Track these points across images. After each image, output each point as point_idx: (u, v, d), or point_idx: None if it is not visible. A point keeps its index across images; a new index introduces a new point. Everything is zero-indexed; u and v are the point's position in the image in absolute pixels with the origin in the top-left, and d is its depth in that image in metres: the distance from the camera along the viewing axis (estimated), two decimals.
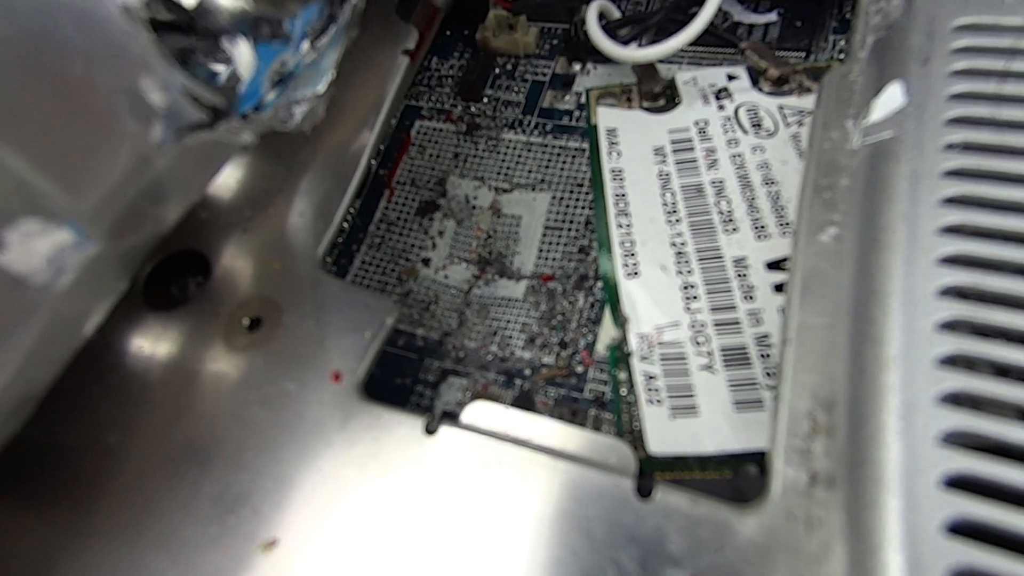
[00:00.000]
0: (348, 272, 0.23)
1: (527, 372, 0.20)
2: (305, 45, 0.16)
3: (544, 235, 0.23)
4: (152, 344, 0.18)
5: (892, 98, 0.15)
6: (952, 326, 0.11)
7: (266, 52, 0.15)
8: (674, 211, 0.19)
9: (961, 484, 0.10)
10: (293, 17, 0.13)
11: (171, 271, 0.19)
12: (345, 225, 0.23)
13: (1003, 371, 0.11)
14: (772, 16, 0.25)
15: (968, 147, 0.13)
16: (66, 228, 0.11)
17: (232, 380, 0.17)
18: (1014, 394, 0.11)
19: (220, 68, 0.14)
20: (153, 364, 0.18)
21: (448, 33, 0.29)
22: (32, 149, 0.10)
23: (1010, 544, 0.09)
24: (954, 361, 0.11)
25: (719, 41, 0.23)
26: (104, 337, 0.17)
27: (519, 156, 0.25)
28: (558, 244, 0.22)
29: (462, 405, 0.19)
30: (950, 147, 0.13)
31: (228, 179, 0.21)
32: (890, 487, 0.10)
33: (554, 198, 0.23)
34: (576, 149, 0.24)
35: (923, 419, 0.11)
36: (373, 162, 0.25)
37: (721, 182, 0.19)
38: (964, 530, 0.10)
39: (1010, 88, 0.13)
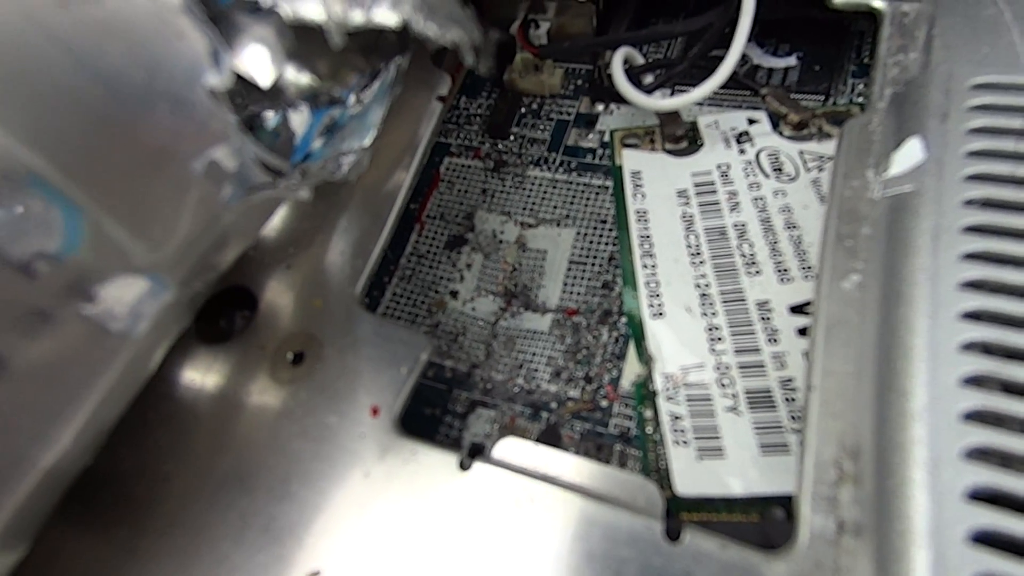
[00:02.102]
0: (380, 303, 0.24)
1: (553, 405, 0.21)
2: (352, 98, 0.17)
3: (569, 270, 0.23)
4: (202, 376, 0.19)
5: (912, 153, 0.15)
6: (975, 381, 0.12)
7: (319, 111, 0.16)
8: (698, 253, 0.20)
9: (988, 540, 0.10)
10: (349, 88, 0.14)
11: (220, 306, 0.21)
12: (378, 258, 0.24)
13: None
14: (791, 60, 0.25)
15: (988, 203, 0.14)
16: (147, 279, 0.13)
17: (277, 412, 0.18)
18: None
19: (274, 122, 0.15)
20: (203, 395, 0.19)
21: (475, 74, 0.31)
22: (126, 214, 0.12)
23: None
24: (978, 416, 0.11)
25: (740, 85, 0.24)
26: (159, 369, 0.18)
27: (544, 192, 0.26)
28: (582, 279, 0.23)
29: (490, 437, 0.20)
30: (970, 203, 0.14)
31: (273, 218, 0.22)
32: (918, 540, 0.11)
33: (578, 234, 0.24)
34: (599, 186, 0.25)
35: (949, 474, 0.11)
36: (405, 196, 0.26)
37: (744, 225, 0.20)
38: None
39: None
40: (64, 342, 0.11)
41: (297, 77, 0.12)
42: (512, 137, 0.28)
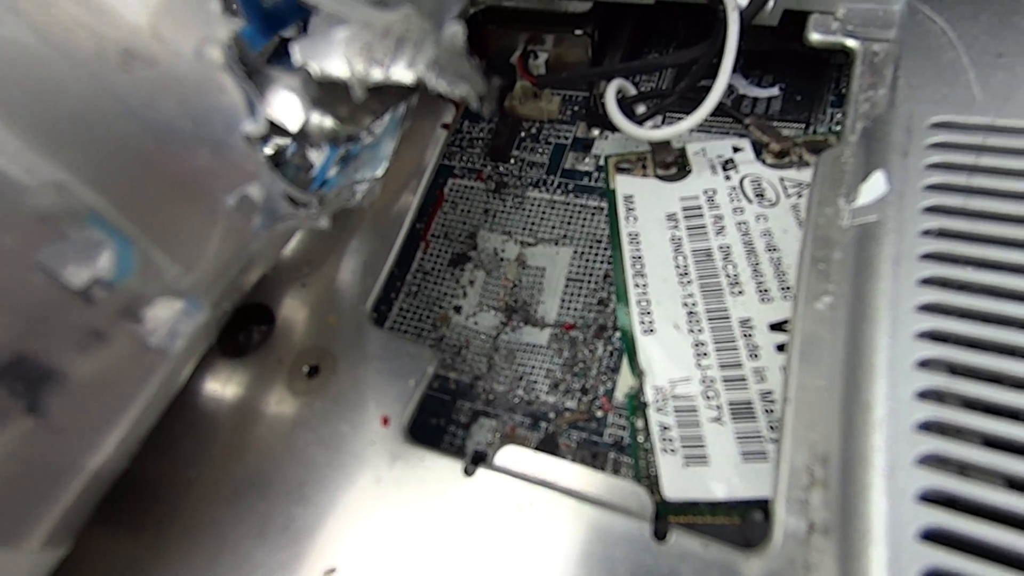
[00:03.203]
0: (387, 318, 0.26)
1: (551, 415, 0.22)
2: (365, 132, 0.19)
3: (566, 286, 0.25)
4: (223, 387, 0.20)
5: (876, 185, 0.17)
6: (929, 395, 0.13)
7: (336, 147, 0.18)
8: (686, 273, 0.21)
9: (936, 538, 0.12)
10: (365, 128, 0.16)
11: (239, 321, 0.22)
12: (388, 275, 0.25)
13: (972, 436, 0.13)
14: (774, 91, 0.27)
15: (942, 233, 0.15)
16: (183, 301, 0.14)
17: (293, 421, 0.19)
18: (983, 457, 0.12)
19: (297, 158, 0.16)
20: (224, 406, 0.20)
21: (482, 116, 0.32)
22: (169, 245, 0.13)
23: None
24: (930, 427, 0.13)
25: (726, 114, 0.26)
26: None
27: (543, 213, 0.27)
28: (579, 295, 0.25)
29: (492, 445, 0.21)
30: (927, 232, 0.15)
31: (291, 238, 0.24)
32: (875, 539, 0.12)
33: (575, 252, 0.26)
34: (595, 207, 0.27)
35: (903, 478, 0.12)
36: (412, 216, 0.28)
37: (728, 247, 0.21)
38: None
39: (978, 181, 0.16)
40: (114, 358, 0.13)
41: (320, 121, 0.14)
42: (512, 160, 0.29)
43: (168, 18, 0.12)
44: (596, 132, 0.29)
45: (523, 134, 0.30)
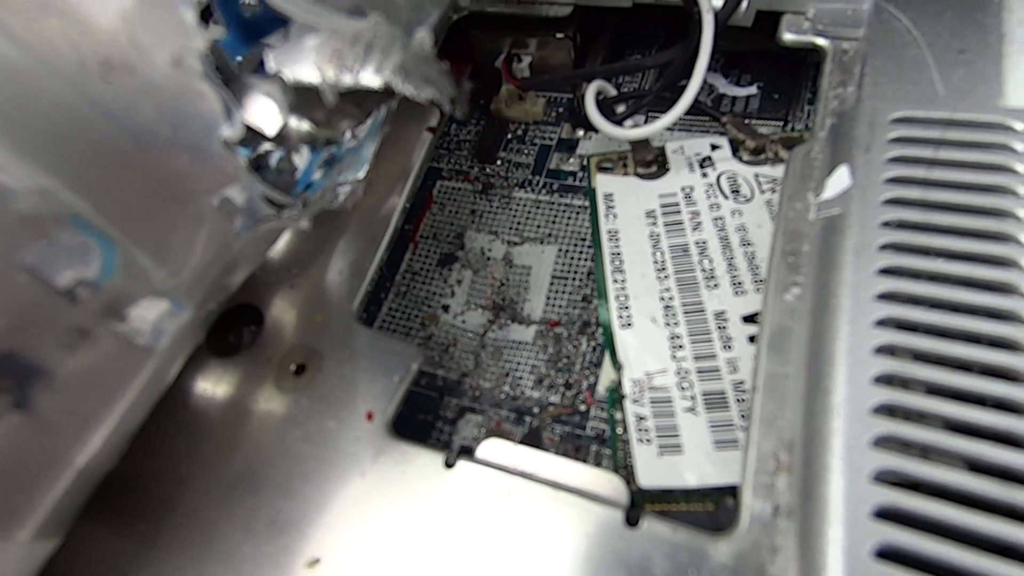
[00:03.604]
0: (377, 318, 0.26)
1: (536, 410, 0.22)
2: (348, 135, 0.20)
3: (551, 284, 0.25)
4: (213, 386, 0.21)
5: (840, 179, 0.17)
6: (884, 379, 0.14)
7: (317, 150, 0.18)
8: (663, 268, 0.22)
9: (889, 516, 0.12)
10: (343, 131, 0.16)
11: (229, 321, 0.23)
12: (376, 275, 0.26)
13: (925, 418, 0.13)
14: (752, 89, 0.28)
15: (901, 225, 0.16)
16: (167, 301, 0.15)
17: (281, 418, 0.20)
18: (934, 438, 0.13)
19: (278, 161, 0.17)
20: (214, 404, 0.21)
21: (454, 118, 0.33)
22: (152, 246, 0.14)
23: (925, 567, 0.11)
24: (885, 410, 0.13)
25: (704, 113, 0.26)
26: (175, 380, 0.20)
27: (529, 212, 0.28)
28: (564, 293, 0.25)
29: (478, 440, 0.22)
30: (886, 224, 0.16)
31: (278, 241, 0.24)
32: (832, 519, 0.12)
33: (560, 251, 0.26)
34: (580, 207, 0.27)
35: (859, 459, 0.13)
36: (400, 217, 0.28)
37: (704, 243, 0.22)
38: (890, 555, 0.12)
39: (937, 174, 0.16)
40: (99, 356, 0.13)
41: (298, 125, 0.14)
42: (499, 161, 0.30)
43: (146, 29, 0.12)
44: (580, 133, 0.30)
45: (509, 136, 0.31)
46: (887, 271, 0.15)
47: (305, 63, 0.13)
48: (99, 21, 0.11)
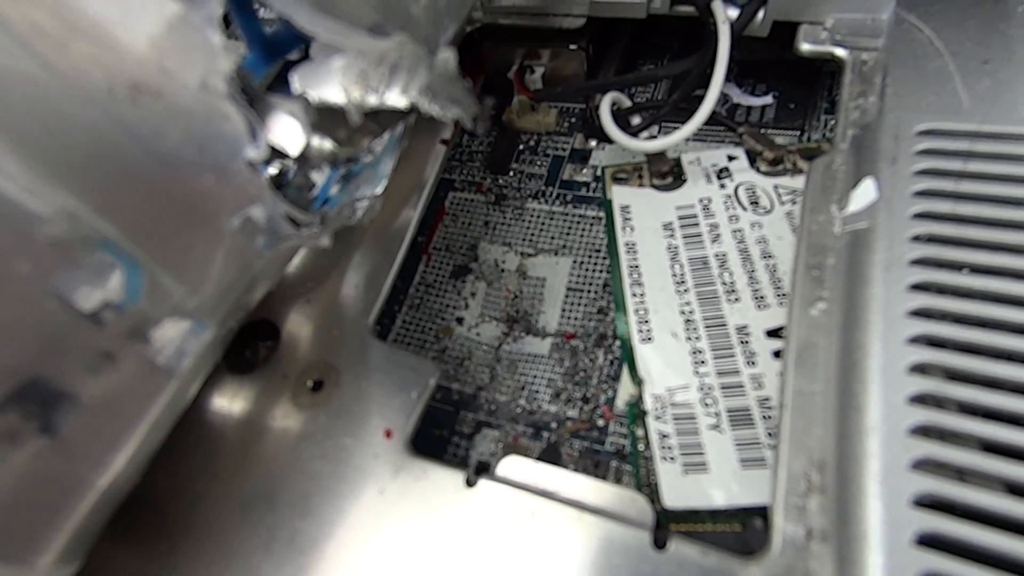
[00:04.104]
0: (391, 331, 0.26)
1: (553, 425, 0.22)
2: (366, 150, 0.19)
3: (566, 296, 0.25)
4: (230, 403, 0.21)
5: (866, 192, 0.17)
6: (921, 399, 0.13)
7: (336, 167, 0.18)
8: (682, 282, 0.22)
9: (931, 543, 0.12)
10: (364, 150, 0.16)
11: (245, 337, 0.23)
12: (391, 288, 0.26)
13: (965, 439, 0.13)
14: (768, 99, 0.27)
15: (931, 239, 0.15)
16: (189, 322, 0.15)
17: (298, 435, 0.20)
18: (976, 461, 0.12)
19: (298, 179, 0.17)
20: (231, 421, 0.20)
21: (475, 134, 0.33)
22: (176, 268, 0.13)
23: None
24: (923, 431, 0.13)
25: (720, 123, 0.26)
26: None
27: (542, 224, 0.28)
28: (579, 305, 0.25)
29: (495, 455, 0.22)
30: (916, 239, 0.15)
31: (294, 256, 0.24)
32: (872, 544, 0.12)
33: (575, 262, 0.26)
34: (594, 217, 0.27)
35: (897, 483, 0.12)
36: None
37: (724, 255, 0.22)
38: None
39: (966, 187, 0.16)
40: (123, 379, 0.13)
41: (320, 144, 0.14)
42: (512, 172, 0.30)
43: (174, 52, 0.12)
44: (593, 143, 0.29)
45: (521, 147, 0.31)
46: (919, 287, 0.15)
47: (331, 84, 0.13)
48: (129, 46, 0.11)
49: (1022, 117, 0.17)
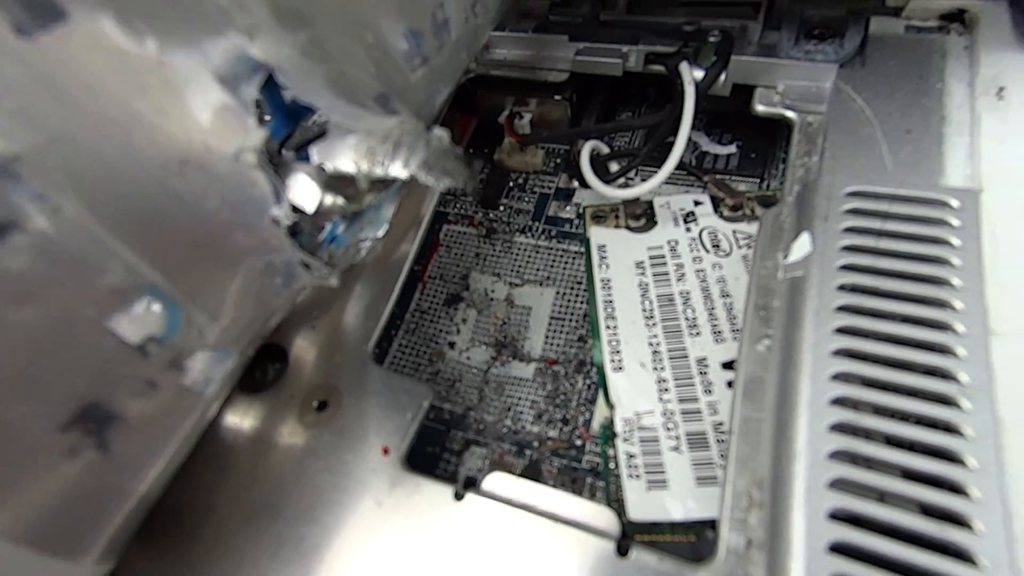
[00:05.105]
0: (388, 354, 0.28)
1: (535, 444, 0.24)
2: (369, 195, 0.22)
3: (550, 324, 0.28)
4: (240, 420, 0.23)
5: (803, 245, 0.20)
6: (839, 428, 0.16)
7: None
8: (651, 316, 0.24)
9: (842, 550, 0.14)
10: (370, 204, 0.19)
11: (256, 360, 0.25)
12: (390, 315, 0.28)
13: (873, 463, 0.15)
14: (732, 148, 0.30)
15: (854, 288, 0.18)
16: (217, 352, 0.17)
17: (304, 451, 0.22)
18: (880, 481, 0.15)
19: (309, 228, 0.19)
20: (242, 437, 0.22)
21: (471, 151, 0.36)
22: (208, 307, 0.16)
23: None
24: (839, 455, 0.15)
25: (688, 170, 0.29)
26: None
27: (529, 256, 0.30)
28: (561, 332, 0.27)
29: (482, 471, 0.24)
30: (841, 288, 0.18)
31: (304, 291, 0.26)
32: (795, 552, 0.14)
33: (558, 293, 0.28)
34: (576, 252, 0.30)
35: (817, 499, 0.15)
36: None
37: (688, 293, 0.24)
38: None
39: (884, 243, 0.18)
40: (161, 402, 0.15)
41: (332, 201, 0.16)
42: (501, 207, 0.33)
43: (216, 134, 0.15)
44: (576, 183, 0.32)
45: (511, 184, 0.33)
46: (841, 330, 0.17)
47: (344, 158, 0.15)
48: (181, 130, 0.14)
49: (935, 183, 0.20)
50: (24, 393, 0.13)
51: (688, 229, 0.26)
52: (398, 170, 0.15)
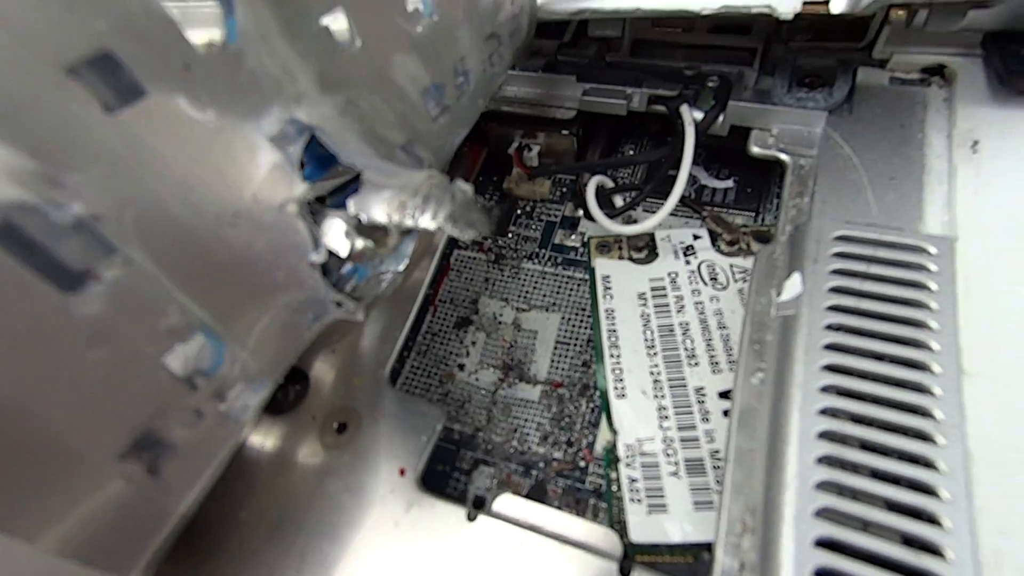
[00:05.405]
0: (400, 375, 0.30)
1: (541, 464, 0.26)
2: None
3: (555, 348, 0.29)
4: (264, 440, 0.24)
5: (794, 285, 0.21)
6: (826, 460, 0.17)
7: None
8: (652, 346, 0.26)
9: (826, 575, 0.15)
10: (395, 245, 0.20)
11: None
12: (405, 339, 0.29)
13: (857, 493, 0.16)
14: (729, 183, 0.32)
15: (840, 328, 0.19)
16: (254, 382, 0.18)
17: (324, 470, 0.23)
18: (862, 511, 0.16)
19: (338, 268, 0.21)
20: (265, 456, 0.24)
21: (481, 179, 0.37)
22: (249, 342, 0.17)
23: None
24: (826, 486, 0.17)
25: (688, 205, 0.31)
26: None
27: (535, 282, 0.32)
28: (566, 357, 0.29)
29: (490, 490, 0.25)
30: (829, 327, 0.20)
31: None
32: (783, 574, 0.16)
33: (563, 319, 0.30)
34: (580, 279, 0.31)
35: (804, 527, 0.16)
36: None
37: (687, 324, 0.26)
38: None
39: (868, 286, 0.20)
40: (205, 430, 0.17)
41: (364, 245, 0.18)
42: (510, 235, 0.34)
43: (266, 187, 0.16)
44: (581, 212, 0.34)
45: (519, 212, 0.35)
46: (828, 367, 0.19)
47: (378, 210, 0.17)
48: (235, 187, 0.16)
49: (915, 230, 0.22)
50: (89, 423, 0.14)
51: (688, 262, 0.28)
52: (427, 222, 0.17)
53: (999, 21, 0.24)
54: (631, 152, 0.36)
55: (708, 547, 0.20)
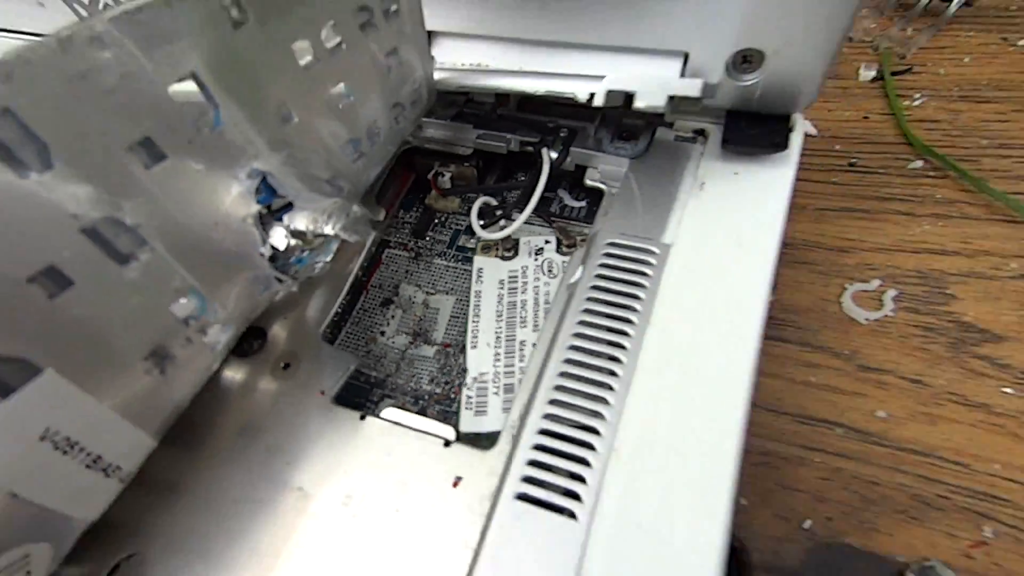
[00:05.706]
0: (337, 337, 0.41)
1: (426, 397, 0.37)
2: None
3: (449, 320, 0.41)
4: (234, 374, 0.36)
5: (578, 272, 0.33)
6: (557, 388, 0.29)
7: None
8: (500, 315, 0.37)
9: (535, 463, 0.27)
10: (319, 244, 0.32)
11: (247, 336, 0.38)
12: (338, 311, 0.41)
13: (569, 408, 0.28)
14: (583, 203, 0.44)
15: (592, 303, 0.32)
16: (225, 325, 0.30)
17: (276, 393, 0.35)
18: (565, 431, 0.28)
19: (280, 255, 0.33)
20: (235, 384, 0.35)
21: (410, 196, 0.49)
22: (220, 299, 0.29)
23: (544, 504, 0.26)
24: (554, 403, 0.29)
25: (543, 218, 0.43)
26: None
27: (441, 273, 0.44)
28: (455, 326, 0.40)
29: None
30: (588, 299, 0.32)
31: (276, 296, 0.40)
32: (518, 454, 0.28)
33: (457, 300, 0.42)
34: (472, 272, 0.43)
35: (531, 433, 0.28)
36: (359, 274, 0.44)
37: (525, 301, 0.38)
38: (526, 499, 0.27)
39: (616, 274, 0.32)
40: (194, 352, 0.28)
41: (294, 243, 0.30)
42: (427, 238, 0.46)
43: (235, 207, 0.28)
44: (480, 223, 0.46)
45: (436, 221, 0.47)
46: (581, 323, 0.31)
47: (300, 222, 0.29)
48: (218, 207, 0.27)
49: (656, 239, 0.34)
50: (128, 335, 0.26)
51: (536, 259, 0.40)
52: (328, 230, 0.28)
53: (729, 102, 0.36)
54: (523, 179, 0.48)
55: (498, 433, 0.32)
